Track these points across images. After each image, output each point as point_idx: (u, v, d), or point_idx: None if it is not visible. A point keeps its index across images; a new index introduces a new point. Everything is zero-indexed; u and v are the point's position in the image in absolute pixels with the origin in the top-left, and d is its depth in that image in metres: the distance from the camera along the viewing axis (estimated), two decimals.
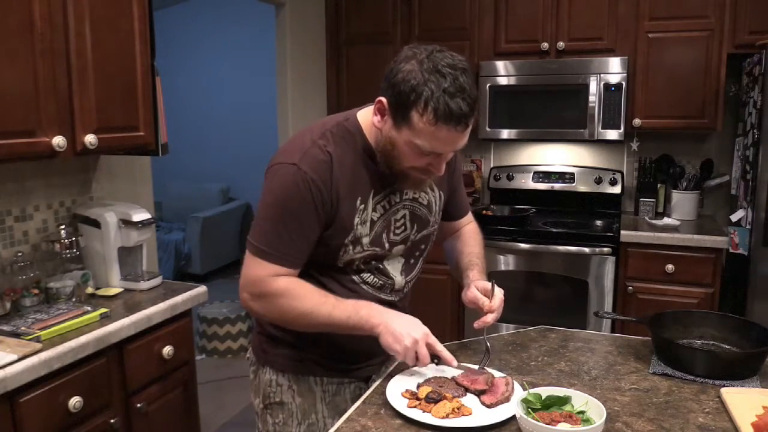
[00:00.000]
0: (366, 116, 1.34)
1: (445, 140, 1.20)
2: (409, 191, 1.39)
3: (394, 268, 1.42)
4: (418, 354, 1.25)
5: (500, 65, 3.32)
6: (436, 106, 1.15)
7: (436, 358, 1.30)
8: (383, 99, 1.23)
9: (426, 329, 1.28)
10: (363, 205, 1.32)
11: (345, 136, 1.32)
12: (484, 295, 1.41)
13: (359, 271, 1.38)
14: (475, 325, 1.39)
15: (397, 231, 1.38)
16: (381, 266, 1.39)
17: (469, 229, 1.64)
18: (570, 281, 3.07)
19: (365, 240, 1.33)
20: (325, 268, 1.36)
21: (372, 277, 1.39)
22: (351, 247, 1.33)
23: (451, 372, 1.36)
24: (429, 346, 1.27)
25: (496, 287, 1.41)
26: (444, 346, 1.56)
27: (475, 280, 1.45)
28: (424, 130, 1.18)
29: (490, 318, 1.38)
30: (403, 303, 1.49)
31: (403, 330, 1.25)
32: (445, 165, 1.29)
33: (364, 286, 1.39)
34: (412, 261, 1.45)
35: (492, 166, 3.80)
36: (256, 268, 1.29)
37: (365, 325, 1.28)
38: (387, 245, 1.37)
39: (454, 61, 1.19)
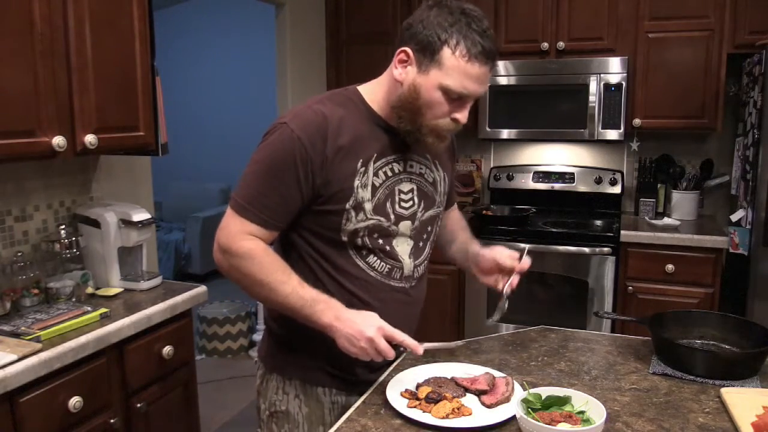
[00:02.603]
0: (368, 88, 1.37)
1: (476, 78, 1.23)
2: (415, 164, 1.39)
3: (403, 251, 1.38)
4: (378, 350, 1.21)
5: (500, 65, 3.32)
6: (468, 43, 1.20)
7: (401, 347, 1.25)
8: (406, 48, 1.25)
9: (380, 323, 1.23)
10: (363, 168, 1.30)
11: (345, 102, 1.34)
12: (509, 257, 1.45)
13: (365, 253, 1.34)
14: (504, 288, 1.45)
15: (404, 204, 1.36)
16: (388, 248, 1.36)
17: (458, 215, 1.68)
18: (570, 281, 3.07)
19: (368, 206, 1.31)
20: (331, 253, 1.34)
21: (379, 262, 1.35)
22: (353, 214, 1.30)
23: (451, 372, 1.37)
24: (388, 337, 1.22)
25: (526, 257, 1.46)
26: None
27: (493, 246, 1.51)
28: (456, 68, 1.21)
29: (515, 281, 1.44)
30: (417, 293, 1.45)
31: (355, 330, 1.21)
32: (467, 114, 1.29)
33: (372, 273, 1.35)
34: (420, 244, 1.42)
35: (492, 166, 3.80)
36: (229, 221, 1.30)
37: (316, 322, 1.25)
38: (392, 217, 1.34)
39: (473, 8, 1.25)
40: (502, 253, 1.45)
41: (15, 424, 1.48)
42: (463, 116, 1.28)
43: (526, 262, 1.45)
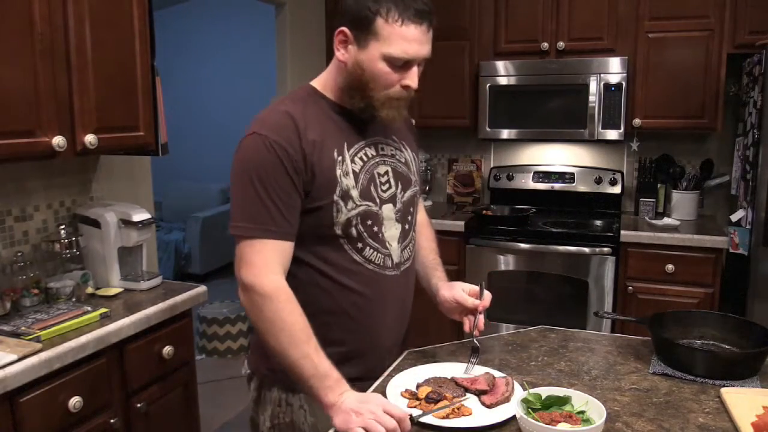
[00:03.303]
0: (320, 80, 1.39)
1: (415, 39, 1.24)
2: (386, 147, 1.40)
3: (391, 236, 1.38)
4: (380, 422, 1.07)
5: (500, 65, 3.32)
6: (399, 8, 1.22)
7: (410, 416, 1.15)
8: (342, 28, 1.27)
9: (383, 400, 1.14)
10: (340, 157, 1.31)
11: (303, 98, 1.35)
12: (470, 296, 1.45)
13: (361, 246, 1.33)
14: (473, 330, 1.43)
15: (384, 188, 1.37)
16: (381, 235, 1.35)
17: (423, 220, 1.64)
18: (570, 281, 3.07)
19: (354, 193, 1.31)
20: (328, 253, 1.32)
21: (376, 253, 1.35)
22: (343, 204, 1.30)
23: (451, 372, 1.37)
24: (389, 412, 1.10)
25: (485, 290, 1.45)
26: (444, 346, 1.57)
27: (452, 282, 1.50)
28: (392, 34, 1.23)
29: (481, 322, 1.43)
30: (408, 280, 1.44)
31: (356, 406, 1.13)
32: (417, 78, 1.29)
33: (369, 266, 1.35)
34: (406, 227, 1.42)
35: (492, 166, 3.80)
36: (243, 254, 1.25)
37: (320, 397, 1.18)
38: (378, 200, 1.35)
39: None
40: (463, 293, 1.45)
41: (15, 424, 1.47)
42: (412, 81, 1.29)
43: (487, 298, 1.45)
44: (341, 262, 1.33)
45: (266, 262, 1.24)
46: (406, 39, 1.23)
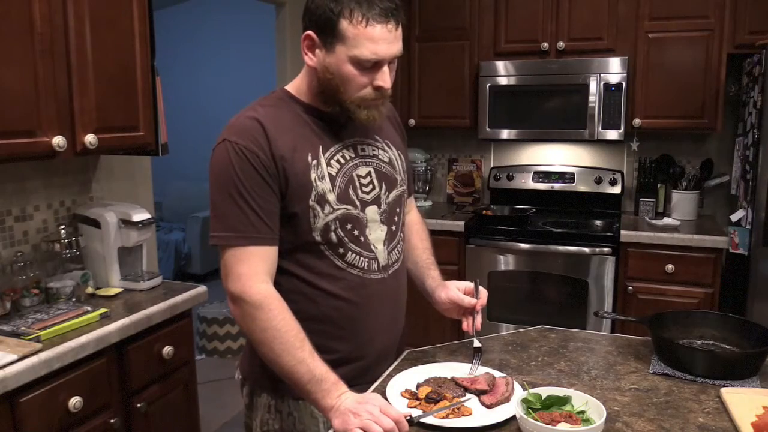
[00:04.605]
0: (294, 84, 1.37)
1: (382, 39, 1.20)
2: (366, 147, 1.37)
3: (377, 239, 1.35)
4: (378, 422, 1.07)
5: (500, 65, 3.33)
6: (363, 8, 1.18)
7: (409, 416, 1.15)
8: (308, 32, 1.24)
9: (382, 401, 1.13)
10: (315, 161, 1.28)
11: (276, 103, 1.33)
12: (466, 294, 1.44)
13: (342, 251, 1.30)
14: (470, 330, 1.43)
15: (365, 189, 1.34)
16: (363, 238, 1.32)
17: (415, 218, 1.61)
18: (570, 281, 3.07)
19: (331, 197, 1.28)
20: (310, 260, 1.30)
21: (358, 257, 1.32)
22: (319, 208, 1.27)
23: (451, 372, 1.37)
24: (385, 412, 1.09)
25: (480, 287, 1.45)
26: (444, 346, 1.57)
27: (446, 281, 1.49)
28: (357, 35, 1.19)
29: (479, 321, 1.42)
30: (397, 281, 1.41)
31: (354, 406, 1.11)
32: (390, 78, 1.26)
33: (353, 270, 1.32)
34: (393, 228, 1.39)
35: (492, 166, 3.80)
36: (227, 264, 1.24)
37: (317, 401, 1.17)
38: (358, 204, 1.32)
39: None
40: (458, 293, 1.44)
41: (15, 424, 1.48)
42: (384, 82, 1.25)
43: (483, 296, 1.44)
44: (324, 268, 1.31)
45: (252, 271, 1.23)
46: (372, 40, 1.19)
